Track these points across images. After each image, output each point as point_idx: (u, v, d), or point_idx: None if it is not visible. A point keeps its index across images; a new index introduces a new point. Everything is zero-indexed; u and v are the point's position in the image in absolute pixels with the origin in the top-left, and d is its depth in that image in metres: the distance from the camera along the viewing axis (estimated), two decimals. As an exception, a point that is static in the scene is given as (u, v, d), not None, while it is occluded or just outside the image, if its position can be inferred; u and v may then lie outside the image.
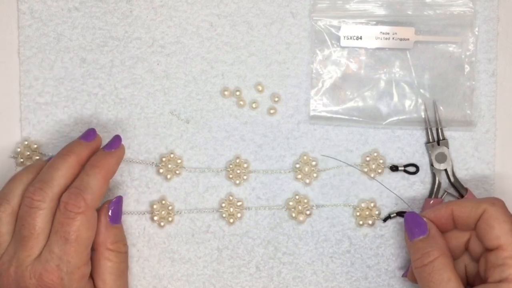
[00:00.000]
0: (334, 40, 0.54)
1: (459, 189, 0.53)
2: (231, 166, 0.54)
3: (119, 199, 0.50)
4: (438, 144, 0.54)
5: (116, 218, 0.49)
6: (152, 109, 0.54)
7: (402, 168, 0.54)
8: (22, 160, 0.53)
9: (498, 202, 0.46)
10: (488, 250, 0.45)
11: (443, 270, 0.44)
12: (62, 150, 0.48)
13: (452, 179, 0.53)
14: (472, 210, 0.46)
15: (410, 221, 0.48)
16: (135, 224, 0.54)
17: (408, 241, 0.47)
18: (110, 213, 0.49)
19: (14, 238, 0.45)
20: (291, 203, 0.54)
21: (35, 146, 0.53)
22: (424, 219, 0.47)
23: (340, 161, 0.54)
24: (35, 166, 0.48)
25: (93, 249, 0.48)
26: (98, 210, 0.48)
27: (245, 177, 0.54)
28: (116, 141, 0.50)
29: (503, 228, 0.44)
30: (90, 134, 0.50)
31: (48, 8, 0.54)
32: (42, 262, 0.44)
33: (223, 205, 0.53)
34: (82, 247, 0.45)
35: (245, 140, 0.54)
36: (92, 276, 0.48)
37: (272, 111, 0.54)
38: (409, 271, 0.51)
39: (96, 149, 0.49)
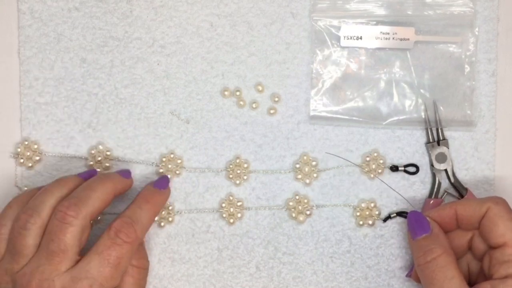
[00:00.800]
0: (334, 40, 0.54)
1: (459, 189, 0.53)
2: (231, 166, 0.54)
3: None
4: (438, 144, 0.54)
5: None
6: (152, 109, 0.54)
7: (402, 168, 0.54)
8: (22, 160, 0.53)
9: (501, 201, 0.46)
10: (492, 247, 0.46)
11: (446, 268, 0.44)
12: (101, 175, 0.49)
13: (452, 179, 0.53)
14: (476, 209, 0.47)
15: (413, 219, 0.48)
16: (135, 224, 0.54)
17: (410, 240, 0.48)
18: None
19: (39, 251, 0.45)
20: (291, 203, 0.54)
21: (35, 146, 0.53)
22: (427, 218, 0.48)
23: (343, 158, 0.54)
24: (68, 182, 0.48)
25: None
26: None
27: (245, 177, 0.54)
28: (165, 181, 0.51)
29: (508, 226, 0.45)
30: (126, 174, 0.51)
31: (48, 8, 0.54)
32: (74, 279, 0.44)
33: (223, 205, 0.53)
34: (118, 274, 0.45)
35: (245, 140, 0.54)
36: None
37: (272, 111, 0.54)
38: (413, 271, 0.51)
39: (128, 187, 0.51)
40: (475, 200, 0.49)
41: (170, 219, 0.53)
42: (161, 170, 0.53)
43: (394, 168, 0.54)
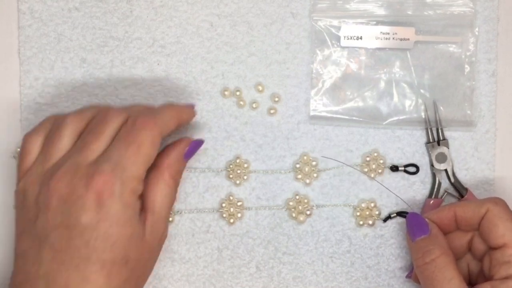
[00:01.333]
0: (334, 40, 0.54)
1: (459, 189, 0.53)
2: (231, 166, 0.54)
3: (201, 143, 0.51)
4: (438, 144, 0.54)
5: (190, 155, 0.49)
6: (152, 109, 0.54)
7: (402, 168, 0.54)
8: (22, 160, 0.53)
9: (500, 202, 0.47)
10: (492, 248, 0.46)
11: (446, 269, 0.44)
12: (164, 104, 0.51)
13: (452, 179, 0.53)
14: (475, 210, 0.47)
15: (412, 221, 0.48)
16: (135, 224, 0.54)
17: (409, 241, 0.48)
18: (188, 148, 0.49)
19: (72, 149, 0.45)
20: (291, 203, 0.54)
21: (35, 146, 0.53)
22: (426, 219, 0.48)
23: (340, 162, 0.54)
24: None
25: (151, 173, 0.47)
26: (177, 141, 0.49)
27: (245, 177, 0.54)
28: (191, 106, 0.53)
29: (508, 226, 0.45)
30: (190, 105, 0.53)
31: (48, 8, 0.54)
32: (98, 164, 0.43)
33: (223, 205, 0.53)
34: (140, 159, 0.44)
35: (245, 140, 0.54)
36: (142, 198, 0.46)
37: (272, 111, 0.54)
38: (413, 272, 0.51)
39: (191, 118, 0.52)
40: (474, 201, 0.49)
41: (170, 219, 0.53)
42: (161, 170, 0.53)
43: (394, 168, 0.54)
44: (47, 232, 0.43)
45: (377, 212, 0.54)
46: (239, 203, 0.53)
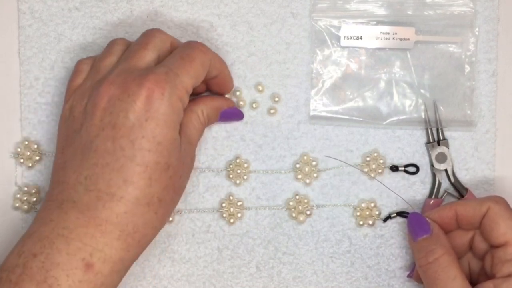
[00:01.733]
0: (334, 40, 0.54)
1: (459, 189, 0.53)
2: (231, 166, 0.54)
3: (241, 116, 0.54)
4: (438, 144, 0.54)
5: (225, 116, 0.52)
6: (152, 109, 0.54)
7: (402, 168, 0.54)
8: (22, 160, 0.53)
9: (501, 200, 0.47)
10: (494, 247, 0.46)
11: (449, 268, 0.45)
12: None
13: (452, 179, 0.53)
14: (476, 209, 0.47)
15: (413, 221, 0.48)
16: (135, 224, 0.54)
17: (411, 241, 0.48)
18: (228, 109, 0.52)
19: (120, 60, 0.47)
20: (291, 203, 0.54)
21: (36, 146, 0.53)
22: (427, 219, 0.48)
23: (342, 161, 0.54)
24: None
25: (189, 104, 0.48)
26: (224, 97, 0.53)
27: (245, 177, 0.54)
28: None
29: (509, 225, 0.45)
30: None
31: (49, 8, 0.54)
32: (151, 69, 0.45)
33: (223, 205, 0.53)
34: (191, 72, 0.46)
35: (245, 140, 0.54)
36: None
37: (272, 111, 0.54)
38: (414, 271, 0.51)
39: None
40: (475, 200, 0.49)
41: (170, 219, 0.53)
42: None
43: (394, 168, 0.54)
44: (92, 137, 0.43)
45: (377, 212, 0.54)
46: (239, 203, 0.53)
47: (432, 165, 0.54)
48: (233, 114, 0.53)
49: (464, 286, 0.44)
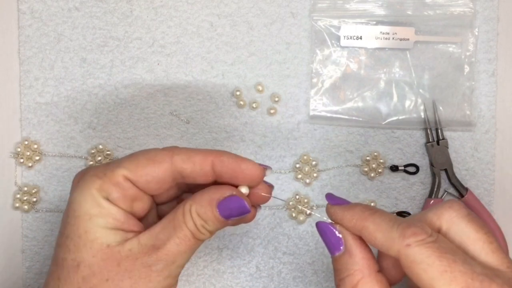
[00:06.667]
0: (334, 40, 0.54)
1: (459, 189, 0.54)
2: (231, 166, 0.54)
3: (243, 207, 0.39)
4: (438, 144, 0.54)
5: (227, 211, 0.39)
6: (152, 110, 0.54)
7: (402, 168, 0.54)
8: (22, 160, 0.53)
9: (416, 240, 0.33)
10: None
11: None
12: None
13: (452, 179, 0.54)
14: (383, 248, 0.35)
15: (322, 232, 0.38)
16: (135, 224, 0.54)
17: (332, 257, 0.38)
18: (224, 201, 0.39)
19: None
20: (291, 203, 0.54)
21: (35, 146, 0.53)
22: (337, 228, 0.37)
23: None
24: None
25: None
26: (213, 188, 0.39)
27: (245, 177, 0.54)
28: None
29: (433, 277, 0.32)
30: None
31: (48, 8, 0.54)
32: None
33: (223, 205, 0.53)
34: (128, 163, 0.38)
35: (245, 140, 0.54)
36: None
37: (272, 111, 0.54)
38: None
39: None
40: (384, 231, 0.35)
41: (170, 219, 0.53)
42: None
43: (394, 168, 0.54)
44: None
45: (377, 212, 0.54)
46: (239, 203, 0.53)
47: (432, 165, 0.54)
48: (234, 205, 0.39)
49: None
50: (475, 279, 0.32)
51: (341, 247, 0.37)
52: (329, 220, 0.38)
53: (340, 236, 0.37)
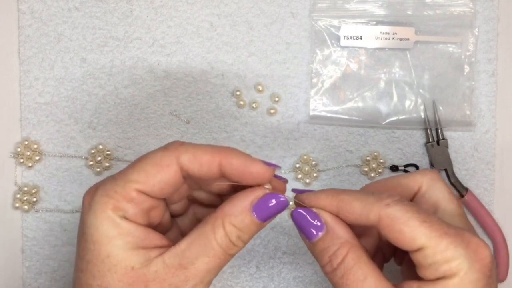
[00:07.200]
0: (334, 40, 0.54)
1: (459, 189, 0.54)
2: (231, 166, 0.53)
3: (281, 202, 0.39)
4: (438, 144, 0.54)
5: (262, 211, 0.38)
6: (152, 110, 0.54)
7: (402, 168, 0.54)
8: (22, 160, 0.53)
9: (394, 200, 0.36)
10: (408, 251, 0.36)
11: (356, 267, 0.36)
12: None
13: (452, 179, 0.53)
14: (362, 215, 0.36)
15: (298, 218, 0.38)
16: (135, 224, 0.54)
17: (308, 245, 0.39)
18: (260, 202, 0.38)
19: None
20: (291, 203, 0.54)
21: (35, 146, 0.53)
22: (314, 210, 0.38)
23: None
24: None
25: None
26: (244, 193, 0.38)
27: (245, 177, 0.54)
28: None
29: (414, 226, 0.35)
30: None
31: (48, 8, 0.54)
32: None
33: (223, 205, 0.53)
34: (136, 174, 0.37)
35: (245, 141, 0.54)
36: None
37: (272, 111, 0.54)
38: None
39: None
40: (361, 197, 0.37)
41: (170, 219, 0.53)
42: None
43: (394, 168, 0.54)
44: None
45: (377, 212, 0.54)
46: (239, 203, 0.53)
47: (432, 165, 0.54)
48: (271, 203, 0.38)
49: (377, 286, 0.36)
50: (451, 227, 0.35)
51: (323, 227, 0.37)
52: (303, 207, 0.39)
53: (319, 213, 0.38)
